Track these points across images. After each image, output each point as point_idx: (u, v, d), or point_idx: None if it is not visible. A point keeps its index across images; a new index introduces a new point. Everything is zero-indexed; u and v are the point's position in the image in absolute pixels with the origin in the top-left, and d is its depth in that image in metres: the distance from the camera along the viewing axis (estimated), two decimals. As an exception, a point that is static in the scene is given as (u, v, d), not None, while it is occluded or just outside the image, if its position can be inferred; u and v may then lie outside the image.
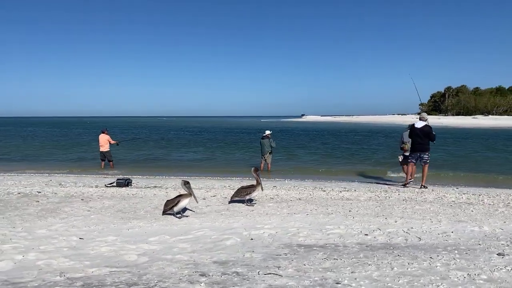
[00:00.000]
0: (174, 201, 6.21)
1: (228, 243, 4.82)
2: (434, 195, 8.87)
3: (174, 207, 6.18)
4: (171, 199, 6.38)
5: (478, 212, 6.88)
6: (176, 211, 6.27)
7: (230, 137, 37.02)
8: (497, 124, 62.01)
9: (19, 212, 6.84)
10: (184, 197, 6.20)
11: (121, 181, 10.38)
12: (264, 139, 14.29)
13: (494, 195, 8.92)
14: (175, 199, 6.23)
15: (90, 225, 5.94)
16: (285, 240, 4.96)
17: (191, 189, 6.30)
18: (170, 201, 6.29)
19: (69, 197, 8.42)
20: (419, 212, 6.80)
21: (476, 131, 46.96)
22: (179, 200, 6.16)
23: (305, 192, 9.06)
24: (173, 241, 5.01)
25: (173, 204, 6.18)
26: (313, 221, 6.05)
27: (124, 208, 7.18)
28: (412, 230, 5.47)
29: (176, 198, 6.25)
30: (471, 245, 4.61)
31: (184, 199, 6.18)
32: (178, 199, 6.19)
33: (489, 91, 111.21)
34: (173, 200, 6.23)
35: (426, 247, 4.55)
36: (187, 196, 6.22)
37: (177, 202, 6.15)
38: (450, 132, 43.55)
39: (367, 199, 8.20)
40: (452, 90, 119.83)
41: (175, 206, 6.18)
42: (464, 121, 73.75)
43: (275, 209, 7.02)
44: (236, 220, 6.13)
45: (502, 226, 5.78)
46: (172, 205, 6.20)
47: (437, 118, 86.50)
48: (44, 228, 5.73)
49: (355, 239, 4.97)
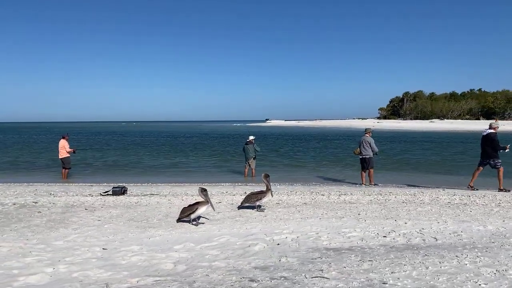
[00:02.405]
0: (192, 208, 6.23)
1: (257, 249, 4.91)
2: (428, 197, 9.29)
3: (191, 214, 6.21)
4: (188, 206, 6.38)
5: (476, 212, 7.29)
6: (193, 218, 6.30)
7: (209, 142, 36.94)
8: (454, 127, 65.18)
9: (25, 224, 6.66)
10: (201, 204, 6.23)
11: (117, 190, 10.25)
12: (248, 145, 14.49)
13: (482, 196, 9.46)
14: (193, 206, 6.25)
15: (107, 235, 5.88)
16: (310, 244, 5.11)
17: (208, 196, 6.34)
18: (187, 208, 6.31)
19: (70, 207, 8.24)
20: (423, 214, 7.14)
21: (439, 134, 49.12)
22: (197, 207, 6.19)
23: (306, 196, 9.27)
24: (200, 249, 5.06)
25: (191, 212, 6.20)
26: (328, 225, 6.24)
27: (135, 217, 7.12)
28: (424, 231, 5.76)
29: (194, 205, 6.27)
30: (485, 243, 4.93)
31: (202, 206, 6.21)
32: (196, 206, 6.22)
33: (443, 96, 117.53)
34: (191, 208, 6.25)
35: (446, 246, 4.83)
36: (205, 203, 6.25)
37: (195, 210, 6.18)
38: (410, 135, 45.35)
39: (369, 202, 8.49)
40: (409, 95, 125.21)
41: (192, 213, 6.20)
42: (423, 125, 77.11)
43: (287, 214, 7.17)
44: (253, 226, 6.23)
45: (503, 225, 6.17)
46: (189, 212, 6.22)
47: (397, 122, 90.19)
48: (60, 240, 5.63)
49: (377, 241, 5.19)
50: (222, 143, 35.79)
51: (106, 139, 44.57)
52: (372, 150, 11.92)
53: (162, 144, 35.50)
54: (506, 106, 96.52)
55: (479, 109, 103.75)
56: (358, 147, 12.19)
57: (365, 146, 11.94)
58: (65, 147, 14.63)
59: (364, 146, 11.94)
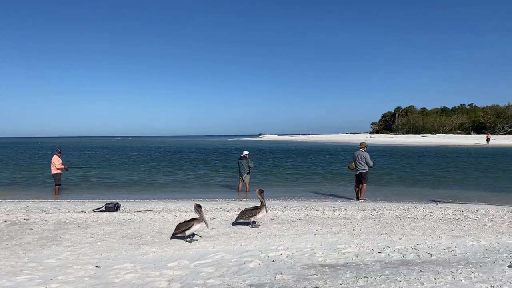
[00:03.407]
0: (187, 224, 6.19)
1: (252, 266, 4.89)
2: (422, 212, 9.33)
3: (186, 230, 6.16)
4: (184, 222, 6.34)
5: (470, 227, 7.34)
6: (187, 235, 6.25)
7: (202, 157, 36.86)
8: (445, 142, 65.97)
9: (17, 242, 6.56)
10: (197, 221, 6.20)
11: (110, 206, 10.15)
12: (242, 160, 14.49)
13: (475, 210, 9.53)
14: (188, 223, 6.21)
15: (100, 252, 5.81)
16: (305, 260, 5.10)
17: (202, 213, 6.31)
18: (183, 224, 6.26)
19: (63, 224, 8.14)
20: (417, 229, 7.16)
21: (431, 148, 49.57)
22: (193, 224, 6.16)
23: (300, 212, 9.26)
24: (194, 266, 5.02)
25: (186, 228, 6.15)
26: (323, 241, 6.23)
27: (128, 234, 7.05)
28: (418, 246, 5.78)
29: (190, 221, 6.24)
30: (479, 258, 4.95)
31: (198, 223, 6.18)
32: (191, 222, 6.18)
33: (435, 111, 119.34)
34: (187, 224, 6.21)
35: (440, 262, 4.84)
36: (200, 220, 6.23)
37: (191, 226, 6.14)
38: (403, 150, 45.69)
39: (363, 217, 8.50)
40: (401, 110, 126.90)
41: (187, 230, 6.16)
42: (415, 139, 77.78)
43: (281, 230, 7.15)
44: (248, 243, 6.20)
45: (497, 240, 6.21)
46: (184, 228, 6.17)
47: (389, 137, 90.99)
48: (52, 258, 5.56)
49: (372, 257, 5.19)
50: (216, 158, 35.72)
51: (100, 155, 44.27)
52: (368, 164, 11.91)
53: (156, 159, 35.32)
54: (496, 121, 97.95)
55: (470, 123, 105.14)
56: (353, 162, 12.21)
57: (360, 161, 11.93)
58: (55, 162, 14.47)
59: (360, 161, 11.94)
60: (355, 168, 12.08)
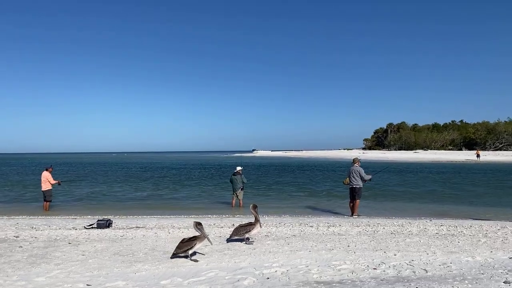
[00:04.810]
0: (190, 243, 6.03)
1: (246, 283, 4.81)
2: (416, 227, 9.31)
3: (189, 250, 6.05)
4: (187, 241, 6.15)
5: (464, 243, 7.33)
6: (191, 253, 6.15)
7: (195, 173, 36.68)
8: (437, 158, 66.62)
9: (5, 260, 6.41)
10: (200, 239, 6.09)
11: (102, 223, 10.01)
12: (236, 175, 14.47)
13: (469, 226, 9.54)
14: (191, 242, 6.05)
15: (91, 270, 5.69)
16: (300, 277, 5.03)
17: (204, 230, 6.23)
18: (186, 244, 6.08)
19: (53, 241, 7.99)
20: (412, 245, 7.13)
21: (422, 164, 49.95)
22: (195, 242, 6.04)
23: (295, 228, 9.20)
24: (187, 284, 4.93)
25: (189, 247, 6.03)
26: (318, 257, 6.18)
27: (120, 251, 6.93)
28: (414, 262, 5.75)
29: (192, 240, 6.08)
30: (475, 274, 4.93)
31: (200, 241, 6.09)
32: (194, 242, 6.04)
33: (426, 127, 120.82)
34: (190, 243, 6.04)
35: (436, 278, 4.82)
36: (202, 238, 6.14)
37: (194, 245, 6.03)
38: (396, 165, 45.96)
39: (358, 233, 8.47)
40: (393, 126, 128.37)
41: (190, 249, 6.05)
42: (407, 155, 78.32)
43: (276, 246, 7.08)
44: (242, 260, 6.12)
45: (491, 256, 6.20)
46: (188, 247, 6.04)
47: (382, 153, 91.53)
48: (42, 276, 5.43)
49: (367, 274, 5.14)
50: (209, 174, 35.57)
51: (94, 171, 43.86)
52: (362, 179, 11.94)
53: (148, 175, 35.07)
54: (487, 137, 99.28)
55: (461, 139, 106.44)
56: (347, 177, 12.26)
57: (354, 176, 12.02)
58: (49, 179, 14.33)
59: (354, 176, 12.03)
60: (349, 183, 12.14)
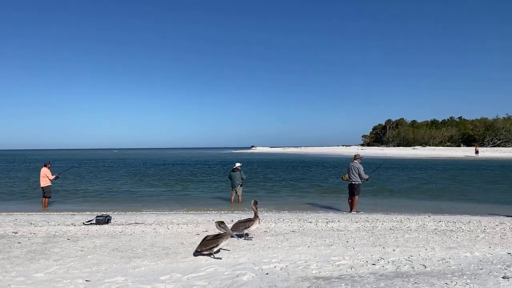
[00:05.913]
0: (216, 241, 6.00)
1: (245, 279, 4.81)
2: (415, 223, 9.34)
3: (214, 247, 6.01)
4: (211, 239, 6.12)
5: (463, 238, 7.35)
6: (215, 251, 6.14)
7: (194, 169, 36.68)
8: (436, 154, 66.70)
9: (4, 255, 6.40)
10: (225, 237, 6.08)
11: (101, 219, 10.00)
12: (235, 172, 14.46)
13: (467, 222, 9.57)
14: (217, 240, 6.03)
15: (90, 266, 5.68)
16: (299, 273, 5.04)
17: (227, 227, 6.24)
18: (211, 241, 6.05)
19: (52, 237, 7.98)
20: (411, 241, 7.15)
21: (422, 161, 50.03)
22: (221, 240, 6.02)
23: (294, 224, 9.21)
24: (186, 279, 4.93)
25: (215, 245, 5.99)
26: (317, 253, 6.18)
27: (119, 247, 6.92)
28: (412, 258, 5.76)
29: (217, 238, 6.06)
30: (474, 270, 4.95)
31: (226, 239, 6.08)
32: (220, 240, 6.02)
33: (425, 123, 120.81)
34: (215, 241, 6.01)
35: (435, 273, 4.83)
36: (227, 235, 6.13)
37: (219, 243, 6.00)
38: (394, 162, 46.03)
39: (357, 229, 8.48)
40: (392, 123, 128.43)
41: (215, 247, 6.02)
42: (406, 151, 78.45)
43: (275, 242, 7.08)
44: (241, 255, 6.12)
45: (490, 251, 6.22)
46: (213, 245, 5.99)
47: (380, 149, 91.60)
48: (41, 272, 5.41)
49: (366, 269, 5.15)
50: (208, 170, 35.56)
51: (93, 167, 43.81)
52: (360, 176, 11.96)
53: (148, 171, 35.05)
54: (485, 133, 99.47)
55: (459, 136, 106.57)
56: (347, 173, 12.27)
57: (353, 172, 12.03)
58: (48, 175, 14.30)
59: (353, 172, 12.04)
60: (348, 179, 12.15)
